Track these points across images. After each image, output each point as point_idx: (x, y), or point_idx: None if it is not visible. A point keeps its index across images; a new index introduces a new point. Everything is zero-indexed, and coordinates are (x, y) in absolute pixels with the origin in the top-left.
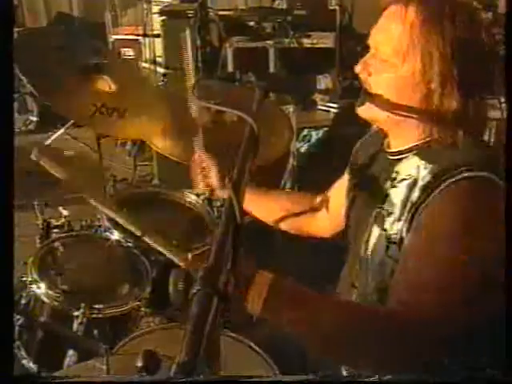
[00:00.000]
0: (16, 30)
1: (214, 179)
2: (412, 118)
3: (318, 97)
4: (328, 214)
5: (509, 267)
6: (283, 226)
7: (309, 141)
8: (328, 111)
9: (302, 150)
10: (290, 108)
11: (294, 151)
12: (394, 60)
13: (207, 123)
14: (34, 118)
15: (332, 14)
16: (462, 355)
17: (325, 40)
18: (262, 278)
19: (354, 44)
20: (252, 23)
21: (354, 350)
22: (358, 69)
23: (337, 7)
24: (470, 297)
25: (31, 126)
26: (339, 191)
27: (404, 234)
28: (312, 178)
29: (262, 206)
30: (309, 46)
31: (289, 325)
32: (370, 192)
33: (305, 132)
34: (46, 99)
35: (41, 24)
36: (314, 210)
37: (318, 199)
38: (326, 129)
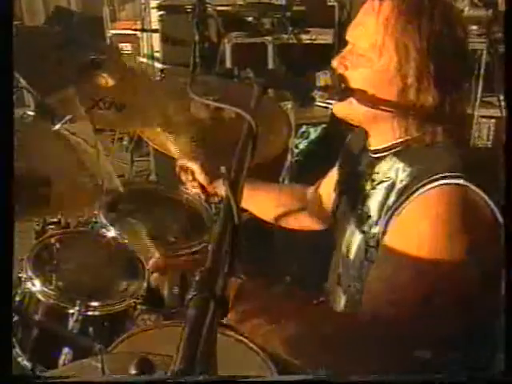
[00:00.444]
0: (14, 23)
1: (200, 178)
2: (389, 111)
3: (317, 94)
4: (321, 210)
5: (509, 267)
6: (278, 221)
7: (307, 137)
8: (326, 108)
9: (301, 146)
10: (289, 104)
11: (293, 148)
12: (371, 54)
13: (205, 120)
14: (31, 113)
15: (331, 10)
16: (462, 355)
17: (324, 36)
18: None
19: None
20: (251, 19)
21: (330, 354)
22: (334, 64)
23: (335, 3)
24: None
25: (28, 121)
26: (329, 185)
27: (380, 237)
28: (310, 174)
29: (257, 201)
30: (307, 42)
31: (253, 330)
32: (353, 192)
33: (303, 128)
34: (43, 95)
35: (39, 18)
36: (305, 207)
37: (310, 193)
38: (324, 125)
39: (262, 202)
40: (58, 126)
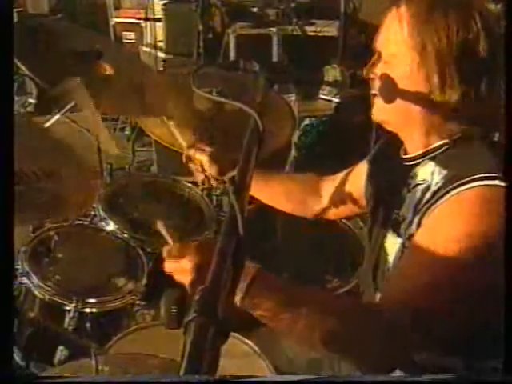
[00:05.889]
0: (16, 10)
1: (210, 170)
2: (419, 112)
3: (324, 89)
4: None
5: (509, 267)
6: (287, 208)
7: (310, 130)
8: (330, 100)
9: (304, 139)
10: (292, 97)
11: (296, 141)
12: (394, 60)
13: (207, 110)
14: (33, 101)
15: (336, 2)
16: (462, 355)
17: (329, 28)
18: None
19: (358, 33)
20: (255, 9)
21: (344, 345)
22: (364, 72)
23: None
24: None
25: (30, 108)
26: (356, 178)
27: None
28: (314, 168)
29: (266, 190)
30: (312, 34)
31: (267, 313)
32: (388, 197)
33: (306, 121)
34: (45, 84)
35: (42, 5)
36: (317, 192)
37: (326, 183)
38: (327, 118)
39: (274, 192)
40: (58, 116)
